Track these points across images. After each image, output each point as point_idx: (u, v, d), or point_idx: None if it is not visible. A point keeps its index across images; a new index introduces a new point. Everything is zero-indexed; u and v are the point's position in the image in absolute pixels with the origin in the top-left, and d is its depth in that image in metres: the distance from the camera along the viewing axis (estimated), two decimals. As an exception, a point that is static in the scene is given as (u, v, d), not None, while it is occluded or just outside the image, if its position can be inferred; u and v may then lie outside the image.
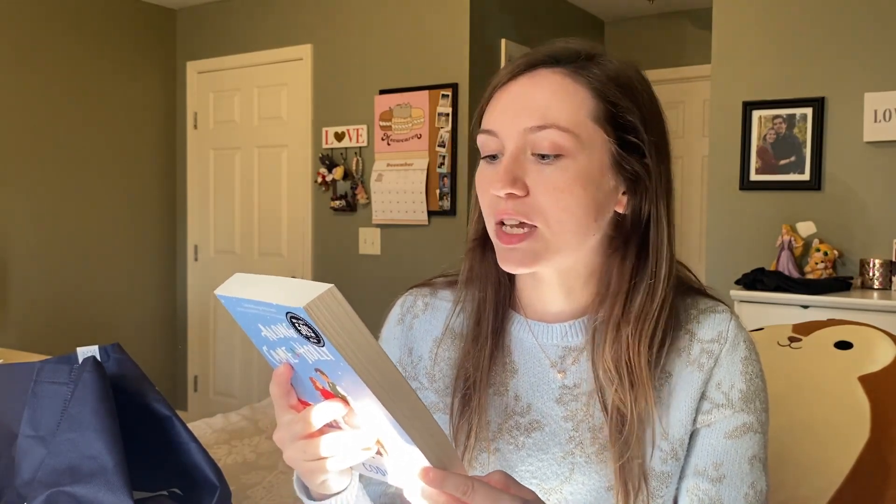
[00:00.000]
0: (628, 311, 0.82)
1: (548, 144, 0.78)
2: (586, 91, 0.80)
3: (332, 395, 0.66)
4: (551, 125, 0.78)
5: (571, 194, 0.78)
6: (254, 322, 0.64)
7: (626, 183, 0.82)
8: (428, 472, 0.62)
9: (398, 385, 0.60)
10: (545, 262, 0.82)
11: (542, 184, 0.79)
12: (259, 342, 0.68)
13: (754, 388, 0.85)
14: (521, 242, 0.80)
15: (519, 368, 0.89)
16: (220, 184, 4.44)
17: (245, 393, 4.32)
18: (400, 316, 0.96)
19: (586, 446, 0.84)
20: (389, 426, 0.62)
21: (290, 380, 0.68)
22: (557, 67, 0.81)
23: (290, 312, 0.57)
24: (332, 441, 0.67)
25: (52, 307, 3.99)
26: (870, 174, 2.95)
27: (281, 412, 0.69)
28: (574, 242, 0.81)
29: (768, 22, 3.14)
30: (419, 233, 3.66)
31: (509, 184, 0.78)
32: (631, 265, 0.83)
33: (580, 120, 0.79)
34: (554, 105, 0.79)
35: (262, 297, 0.60)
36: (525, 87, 0.81)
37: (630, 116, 0.80)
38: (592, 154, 0.79)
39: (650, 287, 0.82)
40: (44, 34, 3.90)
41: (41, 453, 1.02)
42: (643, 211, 0.83)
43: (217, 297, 0.65)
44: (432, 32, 3.61)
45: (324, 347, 0.59)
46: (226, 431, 1.89)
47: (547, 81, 0.81)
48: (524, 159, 0.80)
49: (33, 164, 3.88)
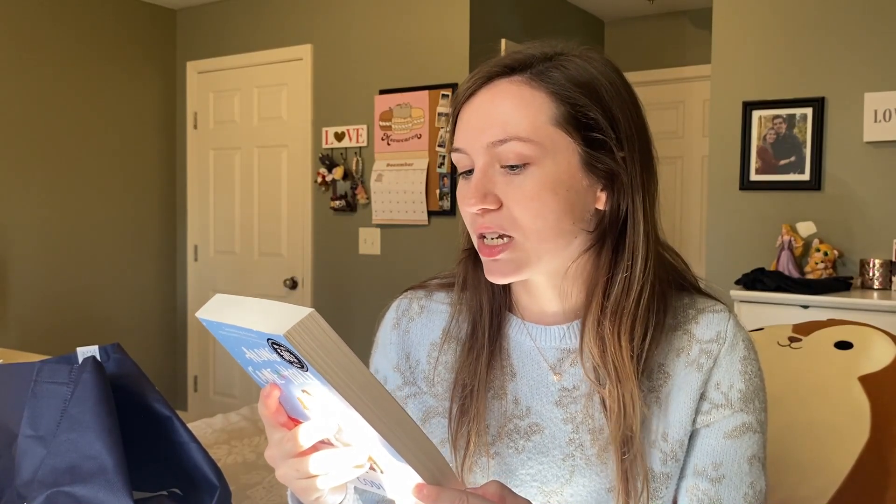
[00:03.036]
0: (605, 306, 0.82)
1: (513, 156, 0.79)
2: (544, 96, 0.79)
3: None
4: (513, 137, 0.78)
5: (542, 201, 0.79)
6: (237, 345, 0.64)
7: (601, 180, 0.82)
8: (422, 488, 0.62)
9: (386, 404, 0.60)
10: (529, 270, 0.82)
11: (512, 194, 0.79)
12: (244, 363, 0.67)
13: (753, 387, 0.85)
14: (501, 253, 0.80)
15: (517, 372, 0.88)
16: (220, 184, 4.44)
17: (245, 393, 4.32)
18: (395, 320, 0.96)
19: (586, 448, 0.84)
20: (380, 444, 0.62)
21: (279, 398, 0.68)
22: (514, 76, 0.81)
23: (272, 339, 0.57)
24: (324, 459, 0.66)
25: (52, 307, 3.99)
26: (870, 174, 2.95)
27: (271, 431, 0.69)
28: (554, 247, 0.81)
29: (768, 22, 3.14)
30: (419, 233, 3.66)
31: (480, 199, 0.79)
32: (607, 260, 0.83)
33: (540, 126, 0.79)
34: (513, 116, 0.79)
35: (243, 323, 0.59)
36: (484, 101, 0.81)
37: (592, 114, 0.79)
38: (559, 158, 0.79)
39: (625, 281, 0.82)
40: (43, 34, 3.90)
41: (41, 453, 1.02)
42: (622, 206, 0.82)
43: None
44: (432, 32, 3.61)
45: (308, 372, 0.58)
46: (226, 431, 1.89)
47: (505, 92, 0.80)
48: (493, 172, 0.80)
49: (33, 164, 3.88)
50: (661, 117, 4.39)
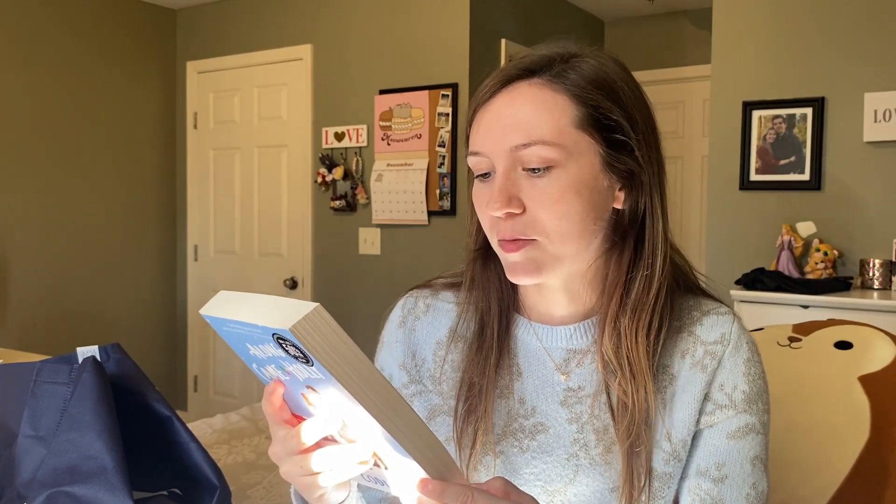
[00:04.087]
0: (625, 303, 0.83)
1: (536, 159, 0.78)
2: (566, 98, 0.79)
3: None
4: (537, 141, 0.78)
5: (567, 203, 0.79)
6: (241, 341, 0.64)
7: (621, 180, 0.82)
8: (427, 483, 0.62)
9: (391, 399, 0.60)
10: (551, 271, 0.82)
11: (536, 197, 0.79)
12: (248, 360, 0.67)
13: (757, 389, 0.85)
14: (523, 249, 0.80)
15: (523, 371, 0.89)
16: (220, 184, 4.44)
17: (245, 393, 4.32)
18: (401, 318, 0.96)
19: (591, 448, 0.84)
20: (385, 440, 0.62)
21: (283, 395, 0.68)
22: (534, 79, 0.81)
23: (277, 333, 0.57)
24: (328, 455, 0.66)
25: (52, 307, 3.99)
26: (870, 174, 2.95)
27: (275, 428, 0.69)
28: (576, 248, 0.81)
29: (768, 22, 3.14)
30: (419, 233, 3.66)
31: (506, 203, 0.79)
32: (628, 258, 0.83)
33: (564, 129, 0.79)
34: (535, 119, 0.79)
35: (248, 318, 0.59)
36: (505, 105, 0.81)
37: (614, 115, 0.80)
38: (581, 160, 0.79)
39: (647, 278, 0.82)
40: (43, 34, 3.90)
41: (41, 453, 1.02)
42: (640, 204, 0.83)
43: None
44: (432, 32, 3.61)
45: (313, 367, 0.58)
46: (226, 431, 1.89)
47: (525, 95, 0.80)
48: (516, 175, 0.80)
49: (33, 164, 3.88)
50: (661, 117, 4.29)
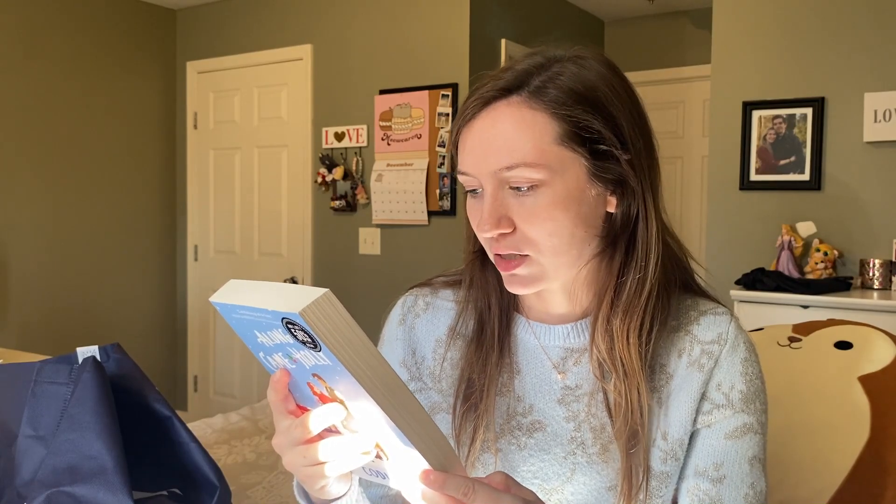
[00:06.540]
0: (616, 304, 0.83)
1: (521, 180, 0.79)
2: (545, 116, 0.79)
3: (329, 400, 0.66)
4: (520, 163, 0.78)
5: (554, 220, 0.79)
6: (250, 328, 0.64)
7: (610, 186, 0.82)
8: (428, 474, 0.63)
9: (396, 388, 0.60)
10: (546, 281, 0.83)
11: (524, 215, 0.79)
12: (255, 348, 0.67)
13: (754, 389, 0.85)
14: (518, 268, 0.81)
15: (521, 369, 0.89)
16: (220, 184, 4.44)
17: (245, 393, 4.32)
18: (401, 316, 0.97)
19: (588, 446, 0.85)
20: (388, 429, 0.62)
21: (288, 385, 0.68)
22: (512, 97, 0.80)
23: (286, 318, 0.57)
24: (331, 446, 0.67)
25: (52, 307, 3.99)
26: (870, 174, 2.95)
27: (279, 418, 0.70)
28: (568, 259, 0.82)
29: (768, 22, 3.14)
30: (419, 233, 3.66)
31: (495, 225, 0.80)
32: (619, 261, 0.84)
33: (546, 148, 0.78)
34: (517, 140, 0.78)
35: (258, 304, 0.60)
36: (486, 126, 0.81)
37: (595, 126, 0.79)
38: (567, 175, 0.79)
39: (639, 280, 0.83)
40: (44, 35, 3.90)
41: (41, 453, 1.02)
42: (632, 207, 0.83)
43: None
44: (432, 32, 3.61)
45: (320, 352, 0.59)
46: (226, 431, 1.89)
47: (505, 116, 0.80)
48: (503, 195, 0.80)
49: (33, 164, 3.88)
50: (661, 117, 4.39)
